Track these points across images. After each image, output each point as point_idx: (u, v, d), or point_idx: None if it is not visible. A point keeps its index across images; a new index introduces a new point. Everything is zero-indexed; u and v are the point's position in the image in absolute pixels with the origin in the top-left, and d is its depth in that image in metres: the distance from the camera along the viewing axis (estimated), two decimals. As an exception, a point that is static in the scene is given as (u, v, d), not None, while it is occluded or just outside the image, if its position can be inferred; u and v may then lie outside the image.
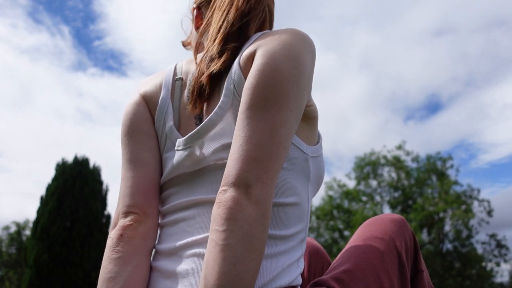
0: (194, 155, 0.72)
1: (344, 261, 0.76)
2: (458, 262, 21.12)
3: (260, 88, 0.64)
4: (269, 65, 0.65)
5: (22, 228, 25.34)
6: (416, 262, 0.84)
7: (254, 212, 0.57)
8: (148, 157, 0.78)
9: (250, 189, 0.58)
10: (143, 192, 0.75)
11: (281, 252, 0.66)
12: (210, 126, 0.71)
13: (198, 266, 0.64)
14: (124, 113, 0.82)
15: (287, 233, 0.68)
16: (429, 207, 20.33)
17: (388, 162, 22.72)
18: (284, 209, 0.69)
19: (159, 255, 0.72)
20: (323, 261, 1.05)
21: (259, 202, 0.58)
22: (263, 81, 0.64)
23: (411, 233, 0.85)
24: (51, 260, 12.44)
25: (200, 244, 0.66)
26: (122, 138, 0.80)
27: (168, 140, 0.78)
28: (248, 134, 0.61)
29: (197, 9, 0.91)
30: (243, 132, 0.62)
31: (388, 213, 0.88)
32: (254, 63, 0.67)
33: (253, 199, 0.58)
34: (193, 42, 0.93)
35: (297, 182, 0.72)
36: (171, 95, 0.79)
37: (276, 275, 0.63)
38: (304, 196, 0.73)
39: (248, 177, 0.58)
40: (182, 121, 0.77)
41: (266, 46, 0.67)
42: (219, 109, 0.71)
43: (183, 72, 0.81)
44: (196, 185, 0.72)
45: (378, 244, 0.78)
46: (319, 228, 23.75)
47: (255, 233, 0.56)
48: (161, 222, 0.76)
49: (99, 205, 14.03)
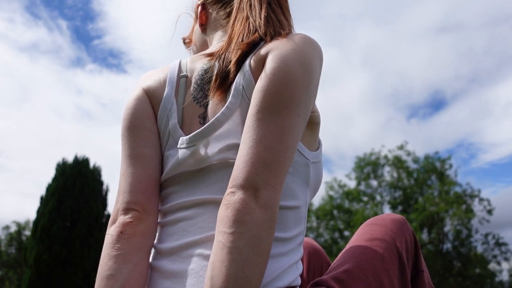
0: (198, 153, 0.71)
1: (344, 261, 0.76)
2: (459, 262, 21.12)
3: (272, 91, 0.64)
4: (282, 69, 0.65)
5: (22, 228, 25.35)
6: (416, 262, 0.84)
7: (262, 216, 0.57)
8: (149, 153, 0.76)
9: (259, 192, 0.58)
10: (143, 189, 0.73)
11: (281, 253, 0.66)
12: (217, 126, 0.70)
13: (198, 267, 0.64)
14: (125, 108, 0.80)
15: (287, 235, 0.68)
16: (430, 207, 20.33)
17: (389, 162, 22.72)
18: (285, 212, 0.69)
19: (158, 255, 0.71)
20: (322, 261, 1.05)
21: (267, 205, 0.58)
22: (275, 85, 0.64)
23: (411, 233, 0.85)
24: (51, 260, 12.43)
25: (201, 244, 0.66)
26: (123, 133, 0.78)
27: (170, 137, 0.76)
28: (258, 137, 0.62)
29: (201, 6, 0.90)
30: (254, 134, 0.62)
31: (389, 213, 0.88)
32: (266, 66, 0.67)
33: (262, 202, 0.58)
34: (197, 39, 0.93)
35: (297, 186, 0.72)
36: (175, 92, 0.78)
37: (276, 276, 0.63)
38: (303, 200, 0.73)
39: (257, 180, 0.59)
40: (185, 119, 0.76)
41: (278, 51, 0.68)
42: (227, 109, 0.70)
43: (188, 69, 0.80)
44: (198, 184, 0.71)
45: (378, 244, 0.77)
46: (319, 228, 23.75)
47: (262, 236, 0.57)
48: (161, 221, 0.75)
49: (99, 205, 14.03)
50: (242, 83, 0.70)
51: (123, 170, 0.76)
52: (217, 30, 0.86)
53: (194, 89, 0.78)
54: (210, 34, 0.89)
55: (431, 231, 21.39)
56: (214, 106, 0.73)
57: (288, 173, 0.70)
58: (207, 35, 0.90)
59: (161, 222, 0.75)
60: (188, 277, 0.64)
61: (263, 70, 0.67)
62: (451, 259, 21.24)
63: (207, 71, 0.77)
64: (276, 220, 0.60)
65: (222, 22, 0.86)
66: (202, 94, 0.76)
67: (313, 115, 0.75)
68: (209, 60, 0.78)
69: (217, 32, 0.86)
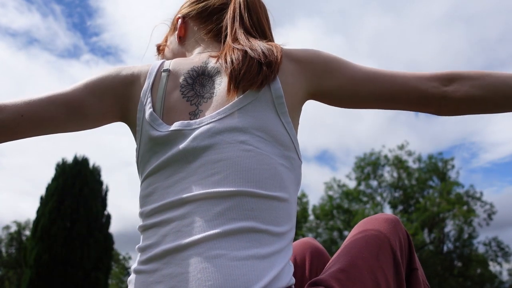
0: (188, 146, 0.71)
1: (340, 260, 0.76)
2: (459, 262, 21.14)
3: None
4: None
5: (22, 228, 25.37)
6: (410, 260, 0.84)
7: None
8: (93, 105, 0.79)
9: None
10: (34, 109, 0.76)
11: (277, 251, 0.66)
12: (210, 120, 0.72)
13: (195, 270, 0.61)
14: (126, 66, 0.83)
15: (279, 230, 0.68)
16: (432, 208, 20.34)
17: (389, 162, 22.74)
18: (276, 204, 0.69)
19: (149, 258, 0.67)
20: (325, 261, 1.04)
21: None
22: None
23: (405, 232, 0.85)
24: (51, 260, 12.45)
25: (197, 246, 0.63)
26: (107, 69, 0.81)
27: (150, 127, 0.75)
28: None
29: (182, 19, 0.94)
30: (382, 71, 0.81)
31: (382, 213, 0.88)
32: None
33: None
34: (173, 48, 0.98)
35: (291, 183, 0.73)
36: (152, 85, 0.80)
37: (275, 276, 0.63)
38: (293, 198, 0.74)
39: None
40: (169, 112, 0.76)
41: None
42: (231, 106, 0.73)
43: (172, 66, 0.82)
44: (187, 180, 0.69)
45: (373, 243, 0.78)
46: (318, 228, 23.78)
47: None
48: (148, 221, 0.71)
49: (99, 205, 14.05)
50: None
51: (75, 84, 0.79)
52: (197, 44, 0.91)
53: (183, 86, 0.78)
54: (188, 46, 0.94)
55: (432, 231, 21.40)
56: (215, 103, 0.74)
57: (287, 168, 0.72)
58: (184, 47, 0.95)
59: (149, 222, 0.71)
60: (185, 281, 0.61)
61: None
62: (452, 260, 21.25)
63: (204, 72, 0.79)
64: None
65: (202, 37, 0.91)
66: (194, 94, 0.77)
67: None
68: (204, 63, 0.81)
69: (197, 45, 0.91)
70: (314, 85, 0.81)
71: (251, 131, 0.71)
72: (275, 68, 0.76)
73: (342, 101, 0.84)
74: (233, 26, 0.85)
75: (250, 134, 0.71)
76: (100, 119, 0.82)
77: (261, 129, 0.72)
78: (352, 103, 0.84)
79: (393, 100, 0.81)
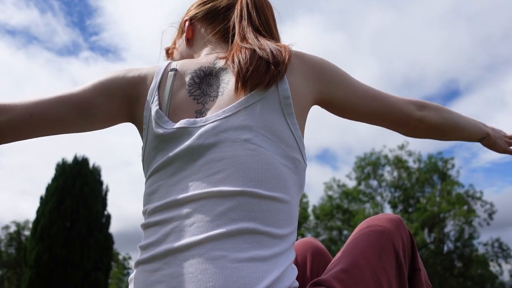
0: (193, 144, 0.70)
1: (342, 260, 0.75)
2: (460, 262, 21.15)
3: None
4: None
5: (22, 228, 25.40)
6: (413, 261, 0.84)
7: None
8: (101, 106, 0.79)
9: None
10: (41, 109, 0.75)
11: (278, 253, 0.65)
12: (216, 118, 0.72)
13: (197, 270, 0.61)
14: (134, 67, 0.84)
15: (280, 232, 0.67)
16: (432, 207, 20.36)
17: (389, 162, 22.76)
18: (275, 205, 0.68)
19: (151, 257, 0.67)
20: (326, 261, 1.04)
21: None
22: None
23: (407, 232, 0.85)
24: (51, 260, 12.46)
25: (200, 246, 0.63)
26: (115, 70, 0.82)
27: (156, 125, 0.75)
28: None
29: (189, 21, 0.95)
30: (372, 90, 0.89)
31: (385, 213, 0.88)
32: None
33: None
34: (181, 51, 0.98)
35: (293, 186, 0.73)
36: (159, 84, 0.80)
37: (276, 278, 0.63)
38: (295, 200, 0.73)
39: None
40: (175, 110, 0.76)
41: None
42: (237, 104, 0.73)
43: (179, 66, 0.82)
44: (191, 177, 0.69)
45: (375, 244, 0.77)
46: (317, 228, 23.80)
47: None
48: (152, 220, 0.71)
49: (99, 205, 14.06)
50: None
51: (83, 86, 0.79)
52: (205, 45, 0.92)
53: (190, 85, 0.79)
54: (196, 48, 0.94)
55: (432, 231, 21.41)
56: (221, 101, 0.74)
57: (291, 170, 0.72)
58: (192, 49, 0.96)
59: (151, 220, 0.71)
60: (186, 281, 0.61)
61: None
62: (452, 260, 21.27)
63: (211, 72, 0.80)
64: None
65: (210, 38, 0.91)
66: (200, 93, 0.77)
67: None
68: (211, 63, 0.82)
69: (205, 46, 0.92)
70: (321, 91, 0.83)
71: (256, 129, 0.71)
72: (283, 68, 0.76)
73: (344, 112, 0.88)
74: (241, 25, 0.86)
75: (254, 132, 0.70)
76: (109, 120, 0.82)
77: (266, 129, 0.71)
78: (352, 115, 0.89)
79: (382, 117, 0.90)
